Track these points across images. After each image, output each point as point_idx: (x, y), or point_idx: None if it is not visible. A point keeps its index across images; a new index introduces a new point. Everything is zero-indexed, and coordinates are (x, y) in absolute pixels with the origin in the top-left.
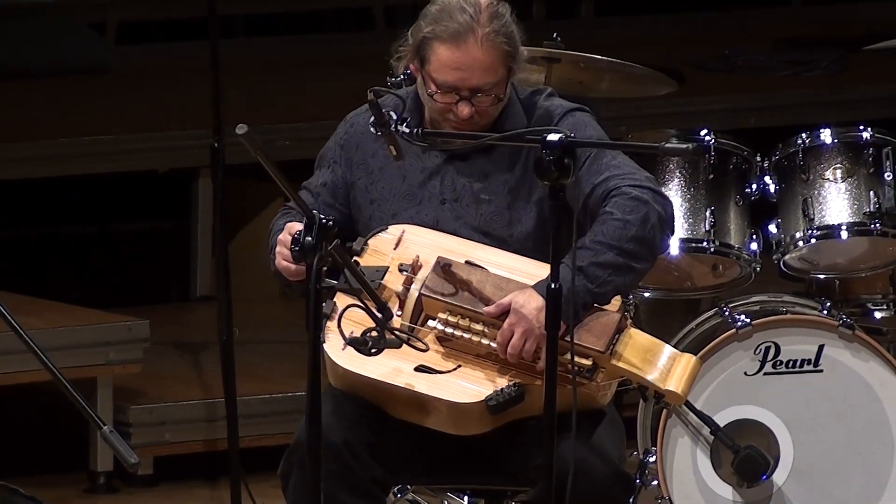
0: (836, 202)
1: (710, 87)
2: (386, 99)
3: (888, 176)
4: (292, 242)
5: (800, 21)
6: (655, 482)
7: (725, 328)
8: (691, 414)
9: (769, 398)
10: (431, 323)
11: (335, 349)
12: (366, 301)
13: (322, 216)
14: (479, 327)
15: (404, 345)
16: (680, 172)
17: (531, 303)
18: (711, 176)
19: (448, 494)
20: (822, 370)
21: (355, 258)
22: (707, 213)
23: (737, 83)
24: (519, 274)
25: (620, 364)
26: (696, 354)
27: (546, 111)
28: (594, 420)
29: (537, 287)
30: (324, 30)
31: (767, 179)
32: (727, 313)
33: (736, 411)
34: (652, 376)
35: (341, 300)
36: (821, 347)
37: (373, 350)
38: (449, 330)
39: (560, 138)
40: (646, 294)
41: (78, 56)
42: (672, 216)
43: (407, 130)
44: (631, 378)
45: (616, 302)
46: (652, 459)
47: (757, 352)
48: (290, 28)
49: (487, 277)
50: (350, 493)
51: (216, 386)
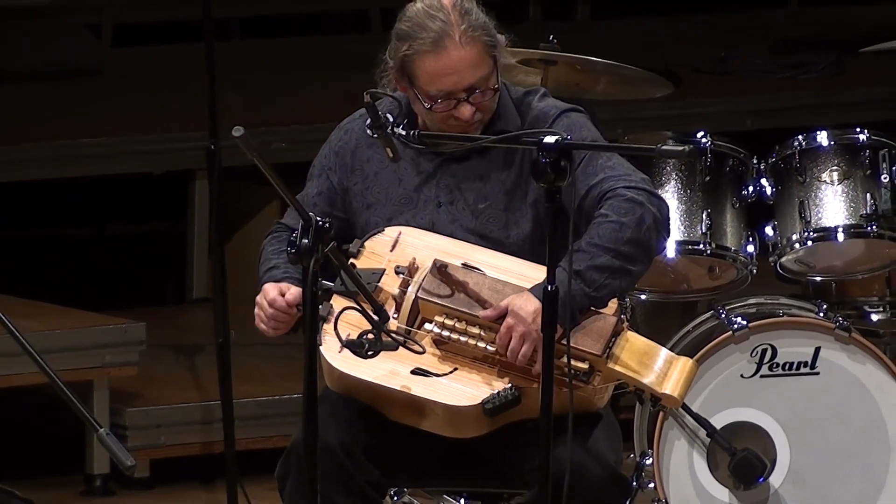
0: (833, 204)
1: (707, 90)
2: (382, 101)
3: (885, 178)
4: (288, 245)
5: (796, 23)
6: (652, 485)
7: (722, 330)
8: (688, 416)
9: (766, 401)
10: (428, 326)
11: (331, 352)
12: (362, 304)
13: (319, 218)
14: (476, 330)
15: (401, 347)
16: (676, 175)
17: (528, 306)
18: (708, 178)
19: (444, 497)
20: (819, 372)
21: (351, 260)
22: (703, 216)
23: (733, 85)
24: (515, 276)
25: (617, 367)
26: (693, 357)
27: (540, 112)
28: (591, 422)
29: (534, 290)
30: (320, 32)
31: (764, 182)
32: (724, 315)
33: (732, 414)
34: (648, 380)
35: (338, 303)
36: (817, 350)
37: (369, 353)
38: (445, 333)
39: (557, 141)
40: (642, 296)
41: (74, 58)
42: (667, 217)
43: (403, 132)
44: (627, 381)
45: (613, 305)
46: (648, 462)
47: (753, 354)
48: (286, 30)
49: (484, 280)
50: (346, 496)
51: (212, 388)
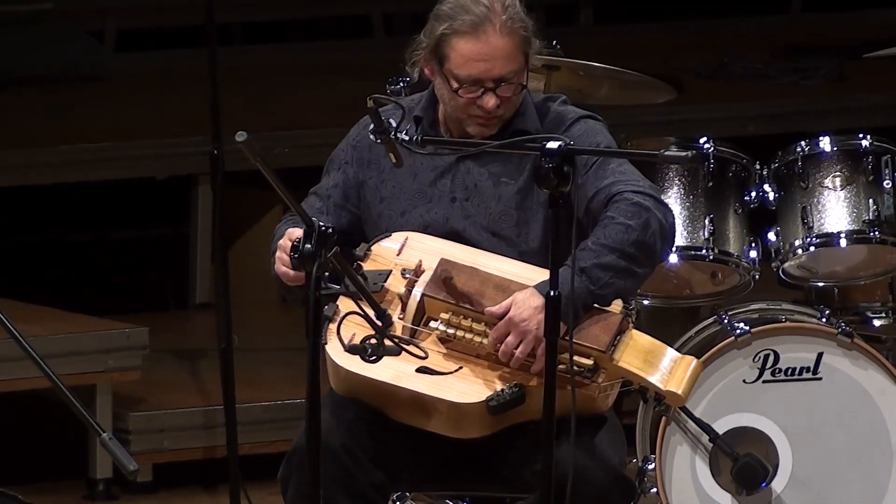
0: (836, 210)
1: (709, 95)
2: (386, 108)
3: (887, 184)
4: (291, 250)
5: (799, 29)
6: (654, 490)
7: (724, 336)
8: (690, 421)
9: (768, 406)
10: (433, 324)
11: (337, 351)
12: (365, 308)
13: (322, 223)
14: (481, 328)
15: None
16: (679, 180)
17: (530, 303)
18: (710, 184)
19: (447, 501)
20: (821, 378)
21: (358, 263)
22: (706, 221)
23: (735, 91)
24: (522, 280)
25: (621, 365)
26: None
27: (559, 115)
28: (594, 425)
29: (539, 287)
30: (322, 37)
31: (766, 187)
32: (726, 321)
33: (735, 419)
34: (653, 377)
35: (344, 303)
36: (820, 355)
37: (372, 357)
38: (450, 330)
39: (559, 146)
40: (645, 302)
41: (77, 63)
42: (673, 225)
43: (406, 138)
44: (632, 379)
45: (617, 305)
46: (651, 467)
47: (756, 359)
48: (289, 35)
49: (489, 278)
50: (349, 498)
51: (215, 393)
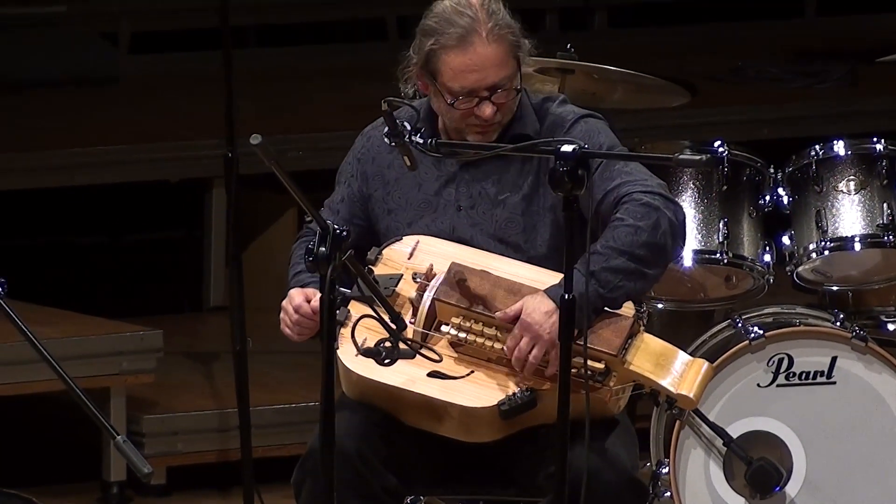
0: (850, 214)
1: (723, 99)
2: (400, 110)
3: None
4: (306, 253)
5: (813, 33)
6: (668, 494)
7: (738, 340)
8: (704, 425)
9: (782, 410)
10: (444, 328)
11: (348, 355)
12: (379, 311)
13: (336, 227)
14: (492, 332)
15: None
16: (693, 184)
17: (541, 307)
18: (725, 187)
19: None
20: (836, 382)
21: (369, 267)
22: (720, 225)
23: (750, 95)
24: (533, 284)
25: (633, 368)
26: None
27: (558, 117)
28: (607, 428)
29: (549, 292)
30: (337, 40)
31: (781, 191)
32: (740, 325)
33: (749, 423)
34: (664, 381)
35: (356, 308)
36: (834, 359)
37: (386, 360)
38: (462, 335)
39: (574, 149)
40: (659, 305)
41: (90, 66)
42: (683, 223)
43: (421, 141)
44: (643, 382)
45: (628, 308)
46: (665, 471)
47: (770, 363)
48: (303, 38)
49: (500, 283)
50: (362, 502)
51: (229, 396)
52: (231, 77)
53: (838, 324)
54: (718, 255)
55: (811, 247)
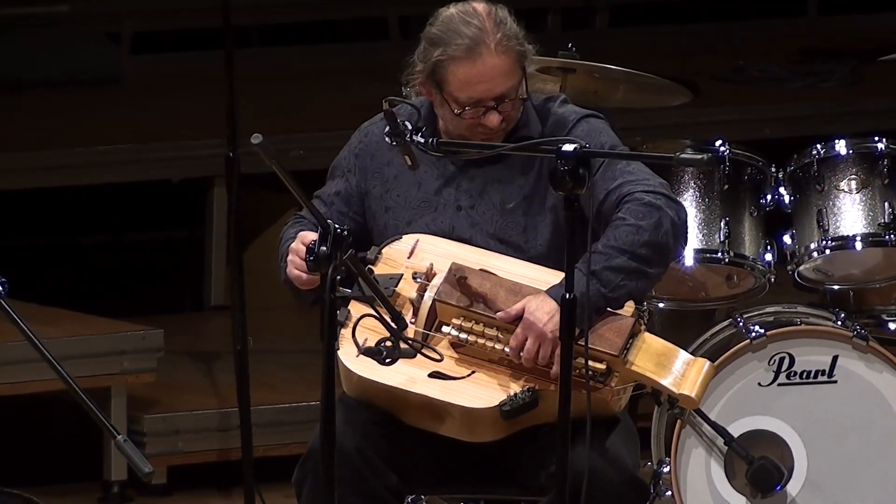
0: (851, 213)
1: (725, 98)
2: (401, 109)
3: None
4: (307, 252)
5: (814, 32)
6: (669, 493)
7: (740, 339)
8: (705, 424)
9: (783, 409)
10: (445, 329)
11: (349, 356)
12: (380, 310)
13: (337, 226)
14: (493, 332)
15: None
16: (694, 183)
17: (544, 307)
18: (726, 186)
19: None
20: (837, 381)
21: (369, 266)
22: (721, 224)
23: (751, 94)
24: (533, 283)
25: (634, 368)
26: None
27: (560, 118)
28: (608, 427)
29: (550, 292)
30: (338, 40)
31: (782, 190)
32: (741, 324)
33: (750, 422)
34: (666, 381)
35: (356, 308)
36: (835, 358)
37: (387, 360)
38: (463, 335)
39: (575, 149)
40: (660, 304)
41: (93, 66)
42: (685, 222)
43: (422, 140)
44: (645, 382)
45: (630, 307)
46: (666, 470)
47: (771, 362)
48: (305, 38)
49: (501, 283)
50: (363, 501)
51: (230, 395)
52: (232, 77)
53: (839, 323)
54: (720, 255)
55: (812, 246)
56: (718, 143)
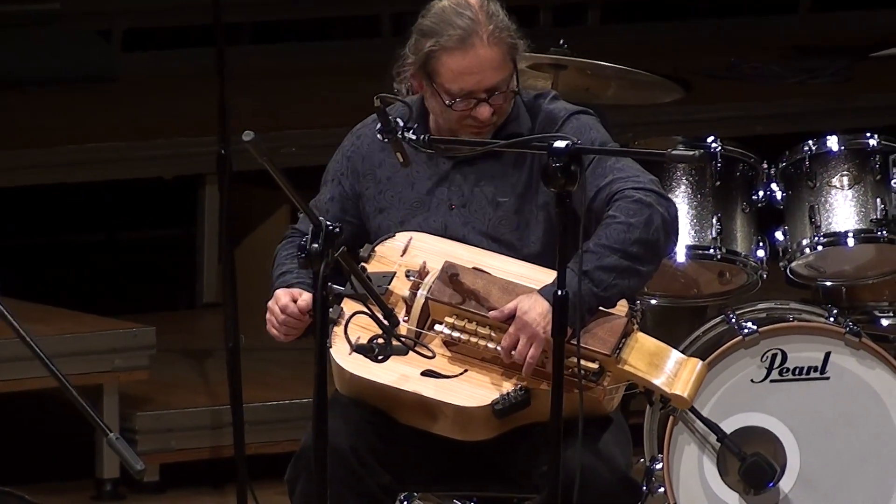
0: (843, 209)
1: (717, 95)
2: (393, 106)
3: (895, 183)
4: (298, 249)
5: (807, 29)
6: (662, 489)
7: (732, 335)
8: (698, 421)
9: (776, 405)
10: (438, 327)
11: (341, 354)
12: (372, 308)
13: (329, 223)
14: (486, 331)
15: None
16: (686, 179)
17: (536, 307)
18: (718, 183)
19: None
20: (829, 377)
21: (362, 264)
22: (713, 220)
23: (743, 91)
24: (527, 281)
25: (626, 368)
26: (703, 361)
27: (550, 114)
28: (600, 426)
29: (543, 291)
30: (331, 37)
31: (774, 186)
32: (734, 320)
33: (742, 418)
34: (658, 380)
35: (348, 305)
36: (827, 355)
37: (379, 357)
38: (455, 334)
39: (567, 145)
40: (652, 301)
41: (85, 63)
42: (676, 218)
43: (414, 137)
44: (637, 382)
45: (622, 306)
46: (658, 466)
47: (763, 359)
48: (297, 35)
49: (494, 281)
50: (356, 500)
51: (222, 393)
52: (224, 74)
53: (832, 319)
54: (712, 251)
55: (804, 242)
56: (710, 140)
